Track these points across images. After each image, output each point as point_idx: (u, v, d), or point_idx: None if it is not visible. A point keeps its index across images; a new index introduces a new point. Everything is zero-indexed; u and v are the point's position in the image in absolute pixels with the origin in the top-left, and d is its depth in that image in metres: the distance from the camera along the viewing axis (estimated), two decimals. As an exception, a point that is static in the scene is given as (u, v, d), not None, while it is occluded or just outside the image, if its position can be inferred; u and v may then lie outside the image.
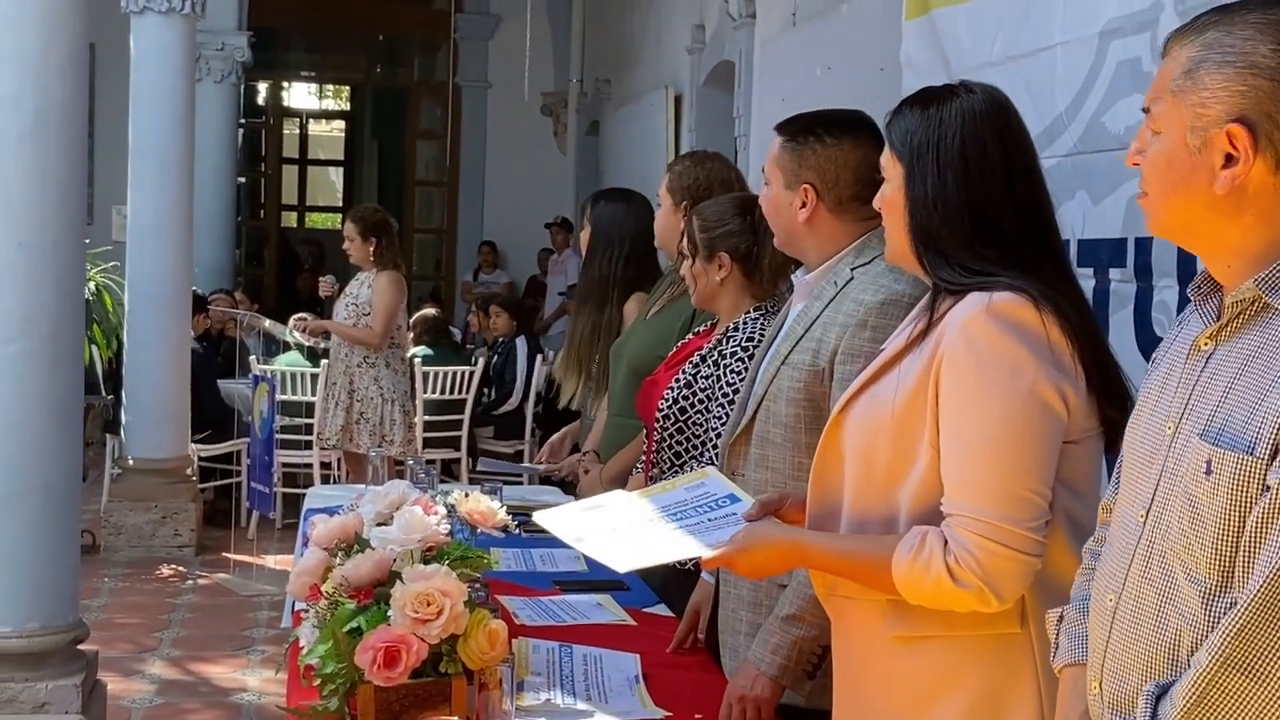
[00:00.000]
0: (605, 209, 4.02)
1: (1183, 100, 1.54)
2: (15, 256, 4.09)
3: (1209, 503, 1.47)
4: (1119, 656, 1.58)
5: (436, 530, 2.33)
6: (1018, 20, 3.38)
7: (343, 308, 6.90)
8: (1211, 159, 1.52)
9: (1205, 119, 1.52)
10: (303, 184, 17.80)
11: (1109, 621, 1.60)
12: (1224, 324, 1.55)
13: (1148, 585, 1.55)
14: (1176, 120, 1.55)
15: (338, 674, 2.16)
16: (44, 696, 4.13)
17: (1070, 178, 3.04)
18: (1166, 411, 1.59)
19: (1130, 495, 1.63)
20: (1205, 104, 1.52)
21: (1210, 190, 1.53)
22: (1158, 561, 1.54)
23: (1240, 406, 1.47)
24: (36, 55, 4.08)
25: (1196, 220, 1.57)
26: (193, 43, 7.49)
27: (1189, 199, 1.55)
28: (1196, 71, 1.53)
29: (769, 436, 2.49)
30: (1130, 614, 1.57)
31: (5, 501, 4.12)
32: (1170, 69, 1.57)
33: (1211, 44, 1.53)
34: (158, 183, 7.15)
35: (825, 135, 2.49)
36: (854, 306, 2.39)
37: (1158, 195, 1.59)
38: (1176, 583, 1.51)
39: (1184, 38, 1.56)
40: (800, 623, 2.31)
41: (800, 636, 2.31)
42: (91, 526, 7.13)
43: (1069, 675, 1.74)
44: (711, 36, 8.16)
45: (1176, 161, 1.55)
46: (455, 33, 13.56)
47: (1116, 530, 1.66)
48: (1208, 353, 1.56)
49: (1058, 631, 1.78)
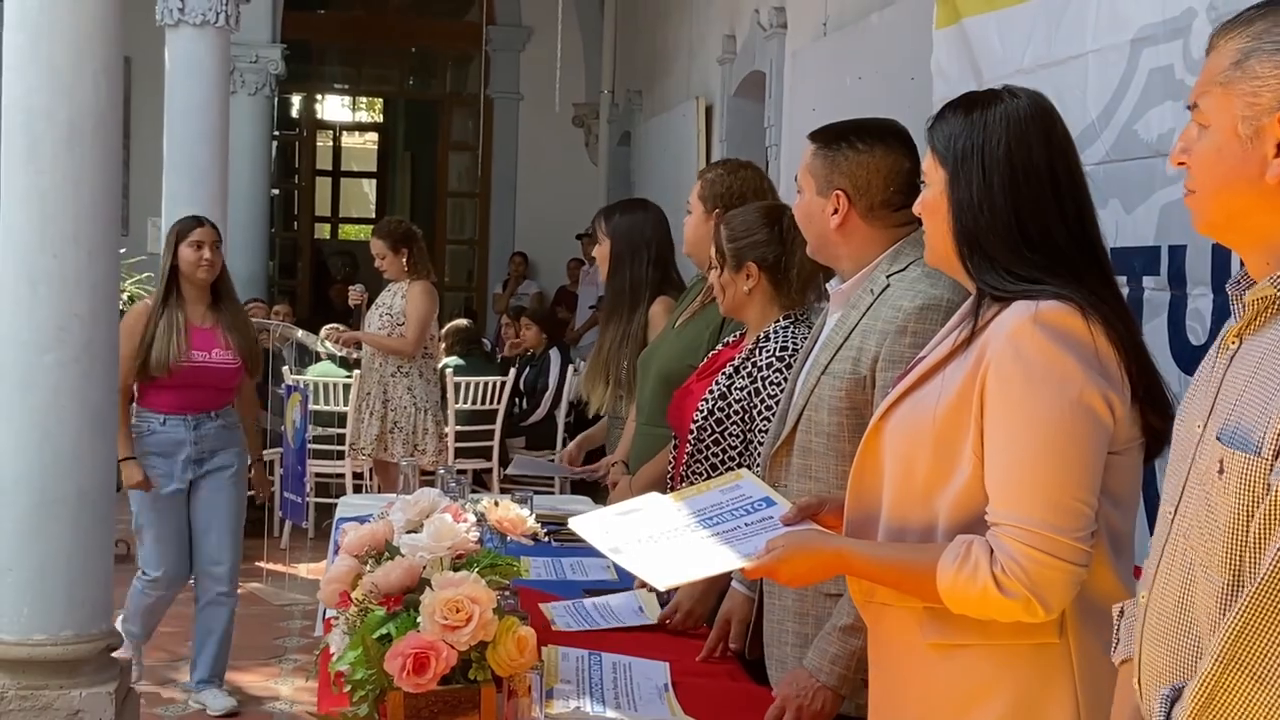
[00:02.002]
0: (623, 219, 4.03)
1: (1233, 90, 1.53)
2: (50, 266, 4.13)
3: (1221, 502, 1.46)
4: (1149, 654, 1.57)
5: (466, 538, 2.34)
6: (1049, 28, 3.37)
7: (376, 318, 6.93)
8: (1264, 148, 1.51)
9: (1257, 108, 1.51)
10: (336, 196, 17.91)
11: (1142, 618, 1.60)
12: (1247, 321, 1.54)
13: (1171, 584, 1.55)
14: (1227, 111, 1.53)
15: (367, 680, 2.16)
16: (78, 704, 4.16)
17: (1103, 186, 3.02)
18: (1197, 410, 1.58)
19: (1166, 494, 1.63)
20: (1258, 93, 1.51)
21: (1262, 180, 1.51)
22: (1180, 560, 1.54)
23: (1252, 406, 1.46)
24: (70, 67, 4.12)
25: (1245, 213, 1.55)
26: (227, 55, 7.55)
27: (1240, 191, 1.53)
28: (1247, 61, 1.52)
29: (811, 446, 2.49)
30: (1157, 612, 1.57)
31: (40, 509, 4.15)
32: (1218, 62, 1.55)
33: (1262, 34, 1.52)
34: (191, 195, 7.19)
35: (857, 142, 2.49)
36: (892, 313, 2.39)
37: (1207, 191, 1.58)
38: (1195, 582, 1.50)
39: (1230, 31, 1.56)
40: (859, 633, 2.29)
41: (861, 646, 2.30)
42: (126, 537, 7.15)
43: (1124, 670, 1.72)
44: (742, 46, 8.15)
45: (1227, 153, 1.54)
46: (487, 45, 13.61)
47: (1157, 530, 1.65)
48: (1233, 351, 1.55)
49: (1118, 626, 1.77)
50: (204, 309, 5.04)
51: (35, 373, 4.14)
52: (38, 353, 4.13)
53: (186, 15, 7.19)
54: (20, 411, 4.16)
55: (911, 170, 2.45)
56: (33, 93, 4.11)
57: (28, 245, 4.14)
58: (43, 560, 4.17)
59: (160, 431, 4.96)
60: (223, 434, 5.08)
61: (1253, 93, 1.51)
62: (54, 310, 4.14)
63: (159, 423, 4.97)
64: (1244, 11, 1.57)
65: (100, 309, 4.24)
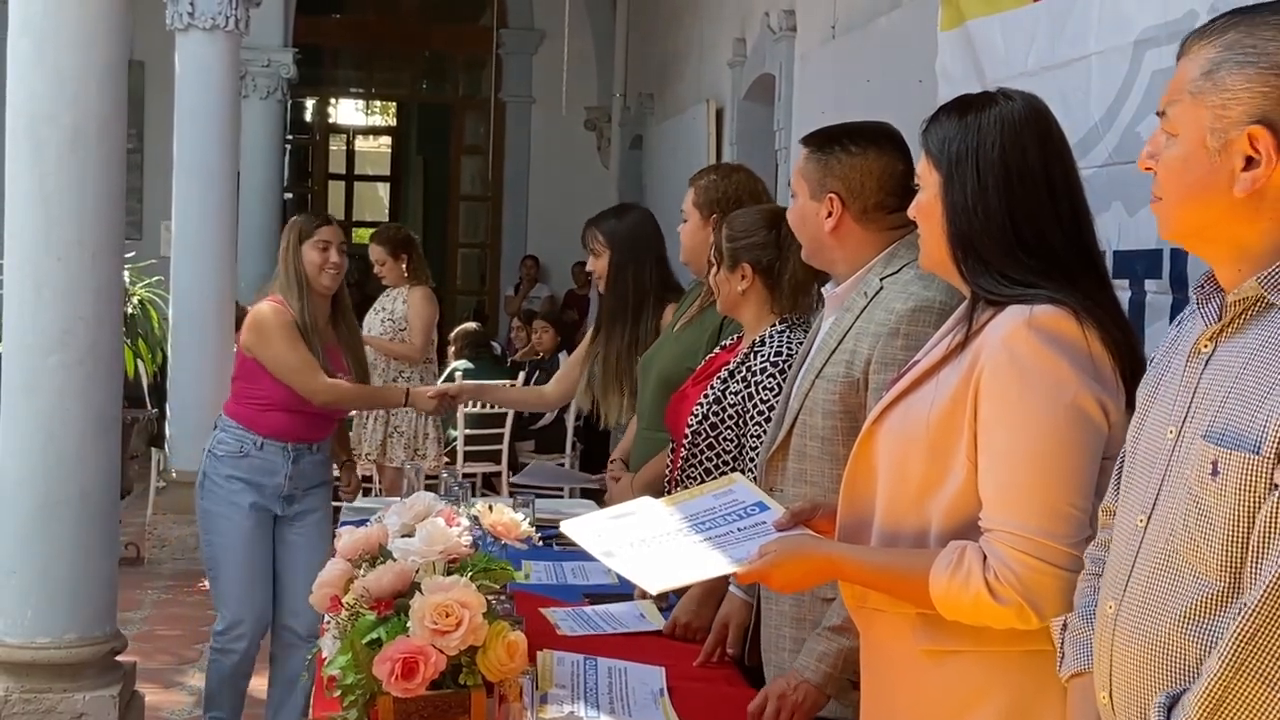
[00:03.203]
0: (619, 225, 4.00)
1: (1203, 101, 1.51)
2: (54, 269, 4.13)
3: (1217, 504, 1.45)
4: (1125, 664, 1.55)
5: (458, 542, 2.33)
6: (1052, 30, 3.35)
7: (378, 323, 6.95)
8: (1231, 161, 1.49)
9: (1226, 120, 1.49)
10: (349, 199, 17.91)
11: (1111, 628, 1.58)
12: (1225, 324, 1.52)
13: (1153, 591, 1.52)
14: (1195, 122, 1.52)
15: (357, 685, 2.16)
16: (81, 707, 4.16)
17: (1106, 188, 3.00)
18: (1167, 415, 1.56)
19: (1130, 501, 1.61)
20: (1226, 105, 1.49)
21: (1229, 193, 1.50)
22: (1163, 567, 1.51)
23: (1244, 405, 1.45)
24: (74, 71, 4.12)
25: (1212, 224, 1.54)
26: (236, 59, 7.58)
27: (1207, 203, 1.52)
28: (1217, 72, 1.50)
29: (807, 451, 2.48)
30: (1134, 620, 1.54)
31: (44, 512, 4.16)
32: (1189, 69, 1.54)
33: (1232, 44, 1.50)
34: (202, 198, 7.22)
35: (850, 145, 2.50)
36: (885, 315, 2.38)
37: (1173, 200, 1.56)
38: (1183, 587, 1.48)
39: (1203, 38, 1.54)
40: (848, 634, 2.30)
41: (848, 646, 2.30)
42: (136, 539, 7.19)
43: (1077, 685, 1.71)
44: (752, 50, 8.15)
45: (1194, 163, 1.52)
46: (499, 48, 13.62)
47: (1118, 536, 1.63)
48: (1208, 355, 1.54)
49: (1062, 640, 1.76)
50: (324, 322, 4.40)
51: (39, 375, 4.14)
52: (42, 355, 4.14)
53: (196, 19, 7.21)
54: (24, 414, 4.17)
55: (905, 173, 2.44)
56: (37, 97, 4.12)
57: (33, 248, 4.15)
58: (46, 563, 4.18)
59: (254, 456, 4.30)
60: (319, 469, 4.47)
61: (1221, 105, 1.50)
62: (58, 313, 4.15)
63: (254, 445, 4.30)
64: (1217, 19, 1.55)
65: (105, 312, 4.25)
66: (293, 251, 4.31)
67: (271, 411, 4.29)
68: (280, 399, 4.26)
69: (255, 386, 4.30)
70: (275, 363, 4.23)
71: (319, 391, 4.22)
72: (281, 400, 4.26)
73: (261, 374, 4.26)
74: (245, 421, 4.32)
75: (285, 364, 4.21)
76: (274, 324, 4.22)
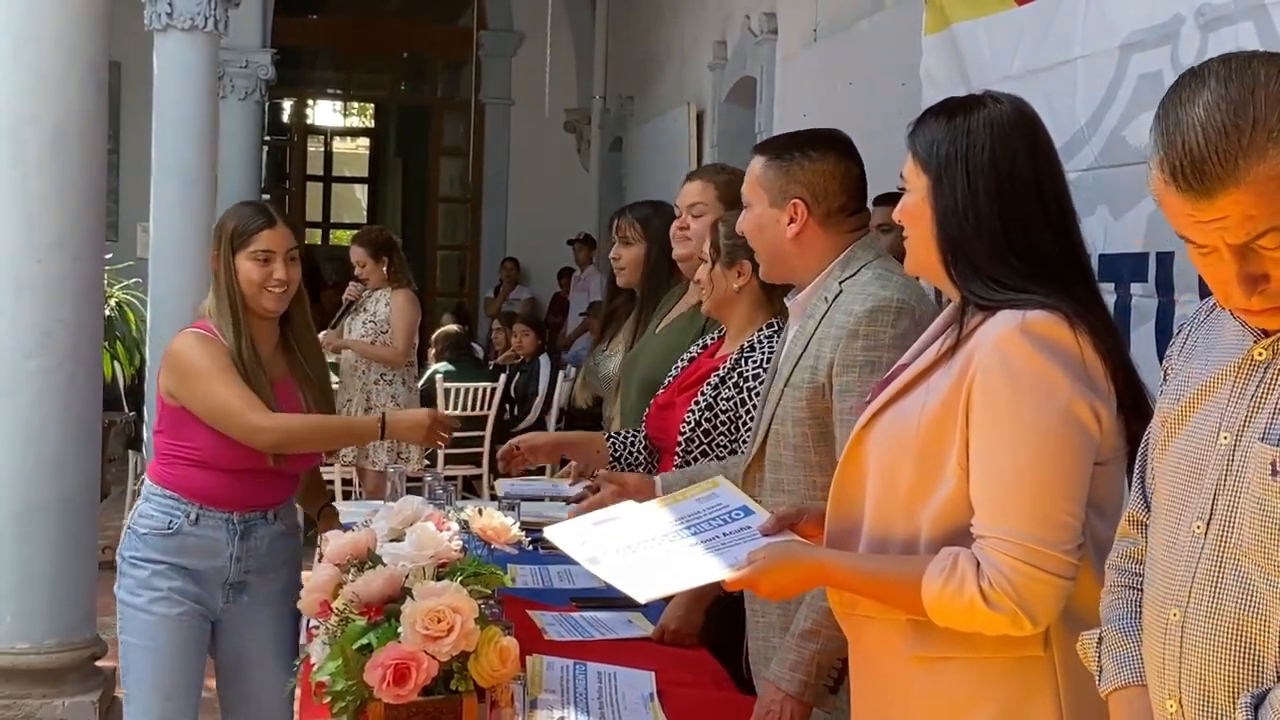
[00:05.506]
0: (657, 220, 3.91)
1: None
2: (34, 272, 4.11)
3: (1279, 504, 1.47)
4: (1198, 671, 1.55)
5: (449, 546, 2.32)
6: (1038, 34, 3.36)
7: (360, 325, 6.93)
8: None
9: None
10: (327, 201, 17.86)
11: (1177, 636, 1.57)
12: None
13: (1223, 595, 1.53)
14: None
15: (347, 691, 2.14)
16: (61, 713, 4.15)
17: (1091, 192, 3.01)
18: (1218, 422, 1.57)
19: (1179, 508, 1.60)
20: None
21: None
22: (1231, 571, 1.52)
23: None
24: (56, 72, 4.11)
25: None
26: (215, 60, 7.54)
27: None
28: None
29: (781, 460, 2.48)
30: (1203, 626, 1.54)
31: (23, 516, 4.13)
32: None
33: None
34: (180, 200, 7.18)
35: (810, 150, 2.52)
36: (844, 318, 2.40)
37: None
38: (1255, 589, 1.50)
39: None
40: (816, 637, 2.30)
41: (818, 650, 2.30)
42: (113, 543, 7.11)
43: (1123, 698, 1.70)
44: (733, 52, 8.16)
45: None
46: (479, 50, 13.60)
47: (1162, 545, 1.62)
48: (1264, 362, 1.54)
49: (1099, 655, 1.74)
50: (272, 350, 3.33)
51: (19, 378, 4.12)
52: (21, 358, 4.12)
53: (174, 20, 7.17)
54: (3, 417, 4.16)
55: (860, 176, 2.51)
56: (18, 97, 4.10)
57: (12, 250, 4.13)
58: (26, 568, 4.16)
59: (187, 533, 3.22)
60: (278, 546, 3.34)
61: None
62: (38, 316, 4.13)
63: (186, 517, 3.23)
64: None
65: (85, 315, 4.23)
66: (224, 264, 3.24)
67: (207, 470, 3.21)
68: (217, 453, 3.20)
69: (182, 440, 3.23)
70: (204, 405, 3.17)
71: (260, 430, 3.14)
72: (220, 454, 3.19)
73: (190, 421, 3.20)
74: (173, 486, 3.23)
75: (215, 405, 3.15)
76: (197, 356, 3.18)
